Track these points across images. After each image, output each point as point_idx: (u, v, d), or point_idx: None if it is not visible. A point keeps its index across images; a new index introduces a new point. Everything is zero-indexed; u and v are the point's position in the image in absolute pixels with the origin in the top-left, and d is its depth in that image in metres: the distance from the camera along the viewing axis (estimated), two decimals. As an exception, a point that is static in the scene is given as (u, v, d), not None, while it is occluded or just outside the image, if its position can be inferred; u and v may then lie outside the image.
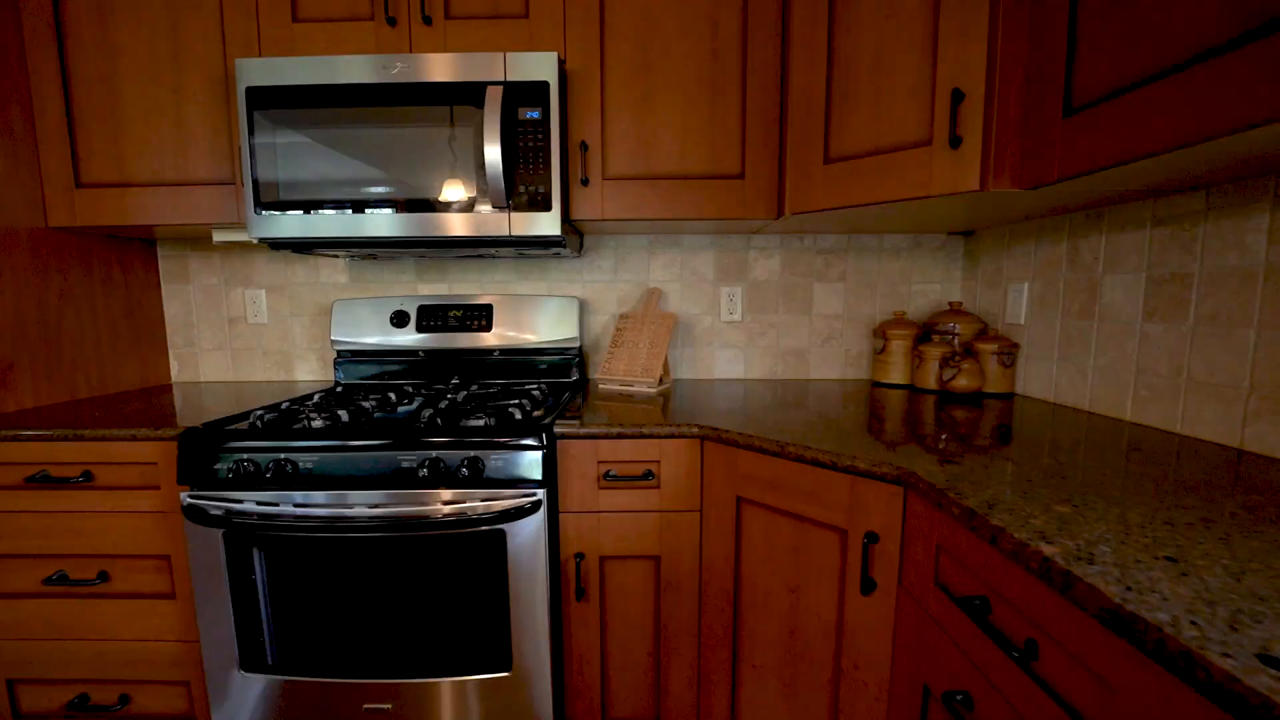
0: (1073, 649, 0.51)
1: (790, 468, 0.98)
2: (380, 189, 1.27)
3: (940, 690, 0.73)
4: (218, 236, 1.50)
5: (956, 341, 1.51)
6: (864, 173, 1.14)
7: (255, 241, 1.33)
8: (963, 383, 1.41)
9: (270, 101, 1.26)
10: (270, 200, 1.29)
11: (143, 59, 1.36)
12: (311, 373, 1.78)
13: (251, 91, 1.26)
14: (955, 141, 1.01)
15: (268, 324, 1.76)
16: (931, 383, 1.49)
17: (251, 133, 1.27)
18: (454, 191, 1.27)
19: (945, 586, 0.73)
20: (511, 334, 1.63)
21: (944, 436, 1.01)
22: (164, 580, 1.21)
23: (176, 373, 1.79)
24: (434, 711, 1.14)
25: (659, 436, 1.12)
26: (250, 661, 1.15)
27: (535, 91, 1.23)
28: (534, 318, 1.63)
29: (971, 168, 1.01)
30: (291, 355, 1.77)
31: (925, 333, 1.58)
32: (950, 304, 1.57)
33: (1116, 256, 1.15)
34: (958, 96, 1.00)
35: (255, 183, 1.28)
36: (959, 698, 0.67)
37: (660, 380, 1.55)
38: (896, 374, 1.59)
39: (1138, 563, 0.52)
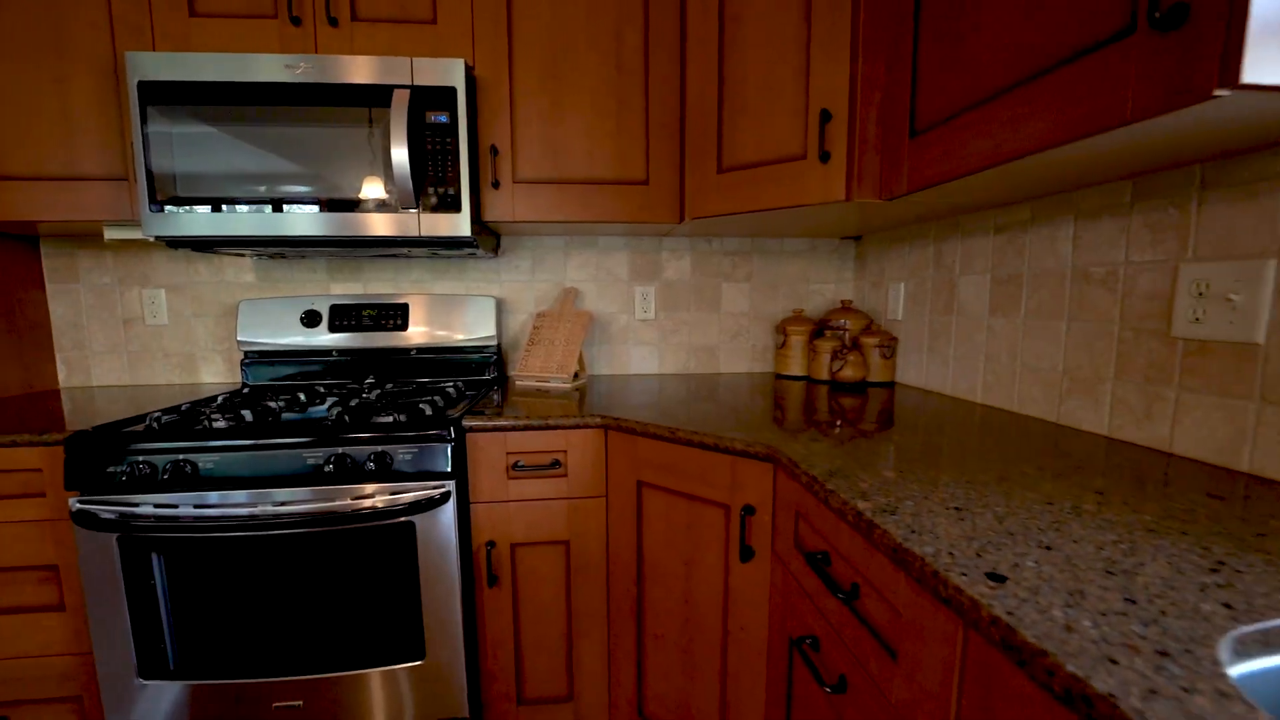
0: (878, 585, 0.62)
1: (682, 451, 1.06)
2: (283, 187, 1.27)
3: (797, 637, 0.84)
4: (109, 234, 1.44)
5: (846, 336, 1.66)
6: (751, 182, 1.25)
7: (151, 239, 1.29)
8: (848, 373, 1.56)
9: (165, 97, 1.23)
10: (167, 197, 1.26)
11: (20, 44, 1.29)
12: (217, 375, 1.73)
13: (144, 85, 1.23)
14: (824, 156, 1.13)
15: (168, 325, 1.69)
16: (824, 374, 1.63)
17: (145, 127, 1.23)
18: (361, 191, 1.28)
19: (802, 547, 0.83)
20: (429, 333, 1.65)
21: (835, 421, 1.12)
22: (51, 591, 1.16)
23: (65, 377, 1.69)
24: (347, 704, 1.16)
25: (564, 427, 1.19)
26: (150, 669, 1.13)
27: (443, 96, 1.27)
28: (451, 317, 1.66)
29: (838, 180, 1.13)
30: (195, 357, 1.71)
31: (820, 328, 1.72)
32: (842, 302, 1.72)
33: (969, 259, 1.32)
34: (825, 116, 1.12)
35: (150, 179, 1.25)
36: (808, 641, 0.78)
37: (575, 376, 1.62)
38: (796, 366, 1.73)
39: (930, 512, 0.63)
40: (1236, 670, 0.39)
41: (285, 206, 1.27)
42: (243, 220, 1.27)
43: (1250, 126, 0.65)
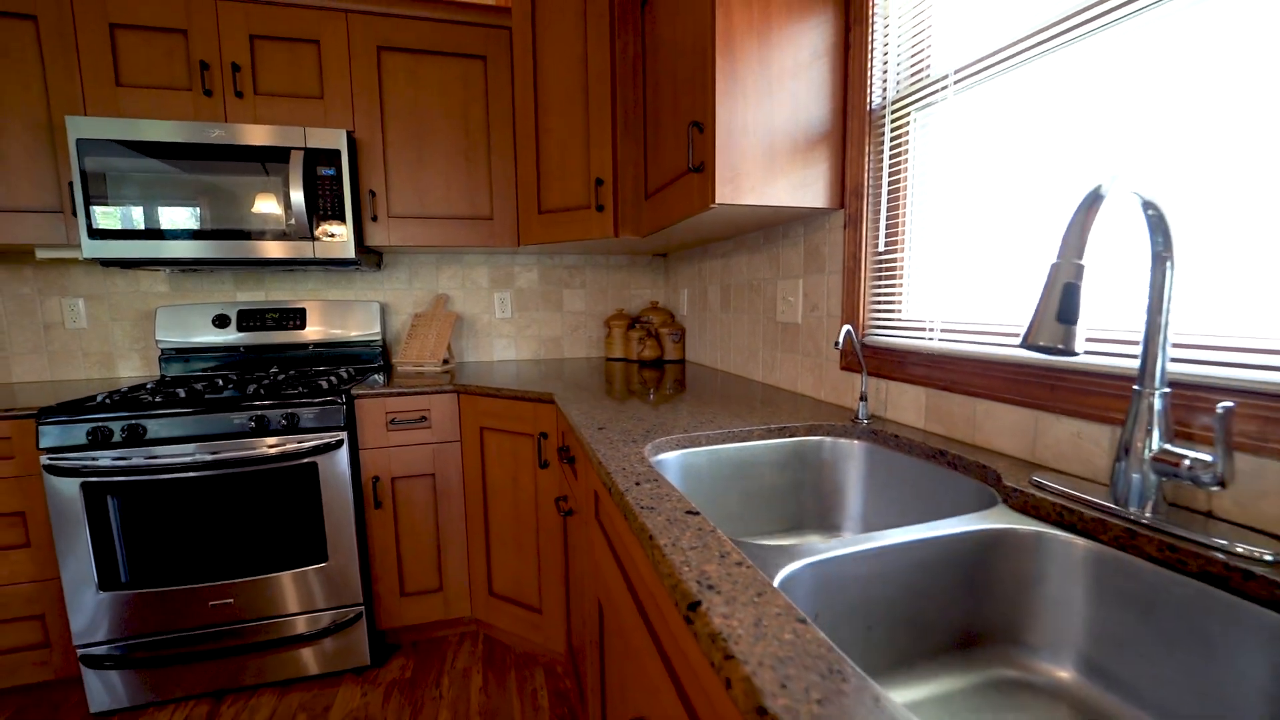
0: (574, 449, 1.20)
1: (506, 403, 1.61)
2: (205, 221, 1.67)
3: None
4: (41, 254, 1.75)
5: (652, 328, 2.28)
6: (559, 221, 1.82)
7: (81, 259, 1.63)
8: (648, 354, 2.18)
9: (102, 151, 1.60)
10: (103, 227, 1.62)
11: (-46, 99, 1.60)
12: (134, 370, 2.06)
13: (82, 142, 1.59)
14: (600, 208, 1.72)
15: (87, 328, 2.00)
16: (634, 356, 2.24)
17: (84, 173, 1.60)
18: (268, 224, 1.71)
19: (562, 447, 1.41)
20: (324, 331, 2.08)
21: (611, 382, 1.71)
22: (18, 533, 1.51)
23: (-14, 375, 1.95)
24: (270, 598, 1.60)
25: (428, 392, 1.70)
26: (107, 582, 1.51)
27: (330, 155, 1.73)
28: (343, 318, 2.10)
29: (609, 223, 1.73)
30: (113, 355, 2.03)
31: (634, 322, 2.33)
32: (651, 302, 2.34)
33: (711, 274, 1.97)
34: (599, 181, 1.71)
35: (89, 213, 1.61)
36: (563, 500, 1.35)
37: (445, 361, 2.12)
38: (618, 351, 2.33)
39: (603, 411, 1.22)
40: (651, 450, 0.99)
41: (206, 236, 1.68)
42: (170, 246, 1.66)
43: (744, 218, 1.31)
